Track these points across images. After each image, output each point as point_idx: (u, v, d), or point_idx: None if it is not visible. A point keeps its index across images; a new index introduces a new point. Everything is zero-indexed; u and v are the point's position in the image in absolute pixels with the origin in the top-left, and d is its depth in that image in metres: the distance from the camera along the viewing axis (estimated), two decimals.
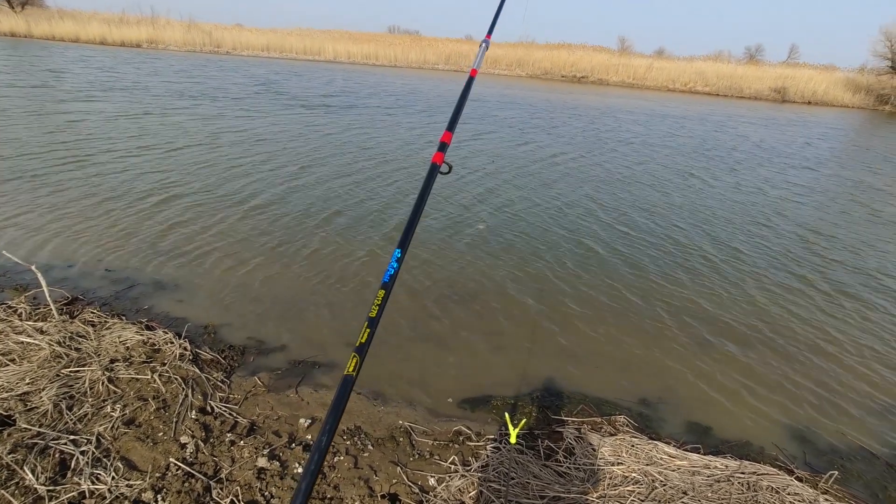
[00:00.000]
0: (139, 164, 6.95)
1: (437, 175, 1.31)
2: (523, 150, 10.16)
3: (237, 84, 17.25)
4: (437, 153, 1.33)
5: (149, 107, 11.32)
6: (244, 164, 7.41)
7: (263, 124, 10.56)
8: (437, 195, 6.59)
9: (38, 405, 2.44)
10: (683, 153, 11.26)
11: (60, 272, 3.92)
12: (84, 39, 31.15)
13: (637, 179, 8.49)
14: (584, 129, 13.69)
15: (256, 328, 3.45)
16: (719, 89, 32.85)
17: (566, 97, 23.03)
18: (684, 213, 6.81)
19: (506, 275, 4.54)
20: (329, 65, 32.34)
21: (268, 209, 5.65)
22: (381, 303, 1.05)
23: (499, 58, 36.95)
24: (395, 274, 1.10)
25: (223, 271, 4.18)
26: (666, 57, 43.17)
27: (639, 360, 3.50)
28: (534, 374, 3.25)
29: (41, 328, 2.99)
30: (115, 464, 2.21)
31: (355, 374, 0.93)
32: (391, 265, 1.09)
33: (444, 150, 1.34)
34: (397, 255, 1.11)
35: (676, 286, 4.59)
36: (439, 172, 1.33)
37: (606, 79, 34.62)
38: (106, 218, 5.04)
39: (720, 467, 2.48)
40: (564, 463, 2.45)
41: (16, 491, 1.99)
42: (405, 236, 1.14)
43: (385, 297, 1.06)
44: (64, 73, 16.07)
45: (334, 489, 2.22)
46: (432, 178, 1.28)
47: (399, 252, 1.12)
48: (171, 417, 2.53)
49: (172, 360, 2.92)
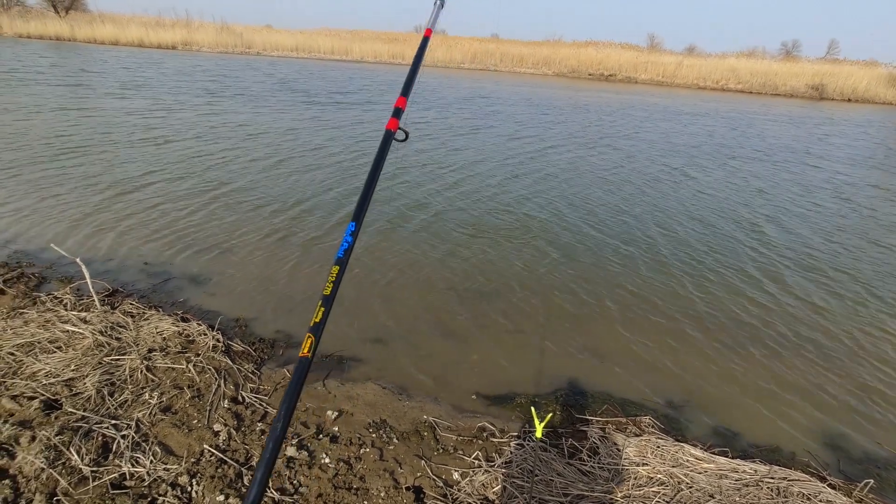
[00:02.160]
0: (172, 161, 7.19)
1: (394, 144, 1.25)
2: (554, 157, 10.09)
3: (264, 83, 17.63)
4: (391, 119, 1.25)
5: (191, 105, 11.69)
6: (278, 163, 7.58)
7: (303, 125, 10.77)
8: (455, 197, 6.61)
9: (83, 391, 2.57)
10: (710, 153, 11.01)
11: (102, 265, 4.09)
12: (123, 42, 32.29)
13: (665, 180, 8.35)
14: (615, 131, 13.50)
15: (285, 322, 3.54)
16: (753, 87, 31.92)
17: (593, 97, 22.74)
18: (711, 213, 6.67)
19: (531, 273, 4.54)
20: (357, 65, 32.72)
21: (299, 206, 5.77)
22: (335, 279, 0.98)
23: (525, 56, 36.73)
24: (350, 248, 1.03)
25: (254, 266, 4.30)
26: (697, 54, 42.16)
27: (665, 361, 3.45)
28: (557, 373, 3.25)
29: (85, 318, 3.14)
30: (153, 448, 2.31)
31: (311, 355, 0.90)
32: (345, 239, 1.03)
33: (399, 116, 1.27)
34: (351, 229, 1.04)
35: (704, 287, 4.51)
36: (395, 140, 1.26)
37: (635, 77, 34.03)
38: (144, 214, 5.23)
39: (749, 471, 2.44)
40: (588, 462, 2.45)
41: (63, 470, 2.10)
42: (360, 208, 1.07)
43: (339, 273, 0.99)
44: (105, 73, 16.71)
45: (360, 480, 2.28)
46: (387, 145, 1.21)
47: (353, 225, 1.05)
48: (205, 406, 2.62)
49: (206, 351, 3.02)
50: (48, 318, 3.11)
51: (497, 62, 36.98)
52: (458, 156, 8.91)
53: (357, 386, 2.94)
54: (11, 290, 3.48)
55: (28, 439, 2.20)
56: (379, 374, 3.08)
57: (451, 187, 6.95)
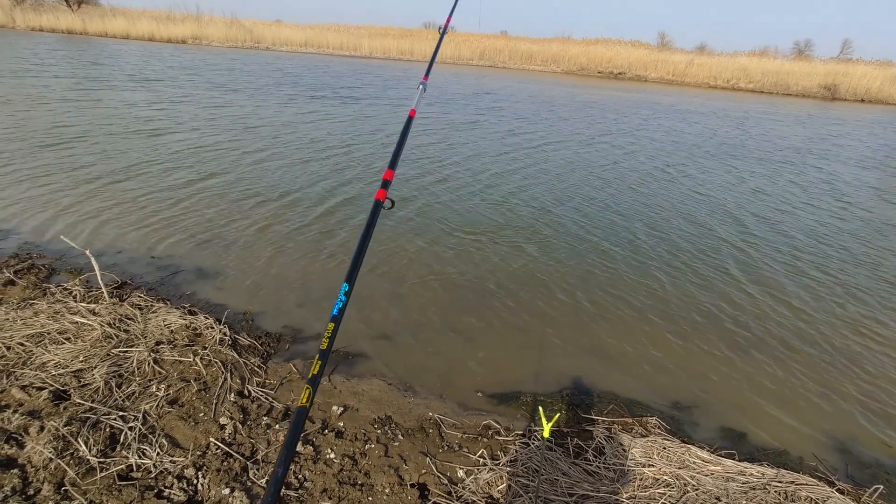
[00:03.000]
0: (182, 154, 7.22)
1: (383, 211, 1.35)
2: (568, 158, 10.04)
3: (274, 77, 17.67)
4: (379, 190, 1.35)
5: (196, 98, 11.73)
6: (281, 156, 7.60)
7: (310, 118, 10.79)
8: (480, 194, 6.60)
9: (91, 382, 2.59)
10: (730, 153, 10.91)
11: (110, 258, 4.12)
12: (134, 36, 32.47)
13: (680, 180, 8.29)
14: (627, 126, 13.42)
15: (292, 317, 3.55)
16: (764, 86, 31.60)
17: (602, 95, 22.61)
18: (719, 214, 6.61)
19: (538, 271, 4.52)
20: (366, 61, 32.71)
21: (303, 201, 5.77)
22: (330, 335, 1.04)
23: (534, 54, 36.56)
24: (344, 307, 1.09)
25: (262, 261, 4.31)
26: (708, 52, 41.71)
27: (672, 363, 3.43)
28: (563, 372, 3.24)
29: (93, 310, 3.16)
30: (159, 440, 2.32)
31: (309, 405, 0.93)
32: (339, 298, 1.09)
33: (387, 188, 1.37)
34: (345, 289, 1.11)
35: (713, 288, 4.47)
36: (383, 208, 1.35)
37: (644, 75, 33.78)
38: (152, 207, 5.26)
39: (756, 475, 2.42)
40: (594, 462, 2.43)
41: (70, 461, 2.12)
42: (352, 270, 1.14)
43: (334, 330, 1.05)
44: (115, 66, 16.81)
45: (365, 476, 2.28)
46: (376, 214, 1.30)
47: (346, 286, 1.12)
48: (212, 399, 2.64)
49: (213, 344, 3.04)
50: (58, 309, 3.13)
51: (506, 59, 36.83)
52: (455, 151, 8.89)
53: (363, 382, 2.94)
54: (22, 280, 3.51)
55: (37, 429, 2.22)
56: (384, 370, 3.08)
57: (442, 181, 6.94)
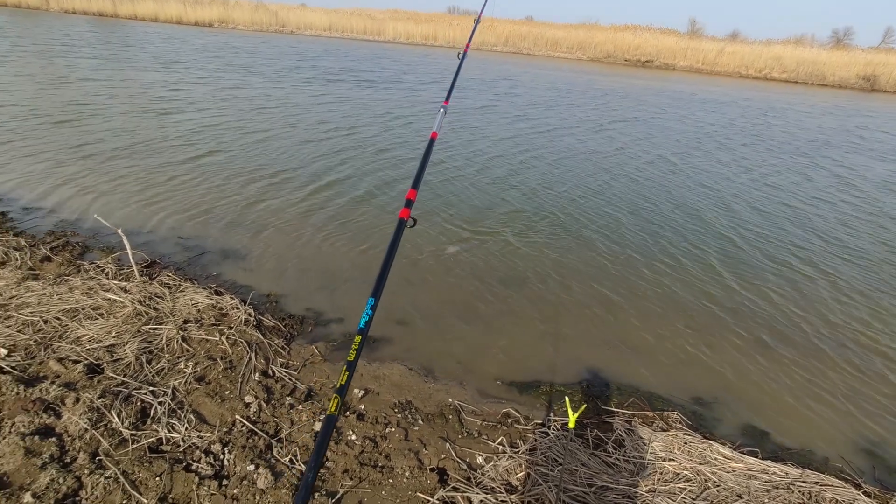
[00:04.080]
0: (211, 137, 7.32)
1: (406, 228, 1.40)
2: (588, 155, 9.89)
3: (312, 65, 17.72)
4: (403, 209, 1.42)
5: (223, 81, 11.85)
6: (313, 142, 7.65)
7: (335, 107, 10.82)
8: (499, 185, 6.56)
9: (123, 357, 2.67)
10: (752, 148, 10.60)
11: (140, 237, 4.22)
12: (162, 18, 32.85)
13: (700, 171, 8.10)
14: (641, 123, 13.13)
15: (315, 300, 3.59)
16: (798, 76, 30.50)
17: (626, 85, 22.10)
18: (749, 209, 6.45)
19: (560, 262, 4.49)
20: (389, 45, 32.54)
21: (332, 186, 5.81)
22: (357, 348, 1.07)
23: (559, 40, 35.88)
24: (370, 321, 1.13)
25: (287, 244, 4.37)
26: (740, 41, 40.34)
27: (695, 357, 3.39)
28: (584, 363, 3.22)
29: (125, 287, 3.25)
30: (187, 416, 2.39)
31: (337, 413, 0.97)
32: (365, 312, 1.13)
33: (410, 207, 1.44)
34: (371, 303, 1.15)
35: (739, 283, 4.38)
36: (406, 226, 1.41)
37: (673, 63, 32.89)
38: (179, 188, 5.36)
39: (779, 474, 2.38)
40: (613, 454, 2.43)
41: (104, 432, 2.20)
42: (378, 285, 1.19)
43: (361, 343, 1.08)
44: (143, 47, 17.06)
45: (386, 458, 2.31)
46: (400, 232, 1.35)
47: (373, 300, 1.16)
48: (237, 378, 2.70)
49: (238, 324, 3.10)
50: (91, 285, 3.23)
51: (531, 45, 36.23)
52: (462, 135, 8.82)
53: (384, 366, 2.98)
54: (58, 257, 3.63)
55: (73, 400, 2.31)
56: (405, 355, 3.11)
57: (454, 168, 6.89)
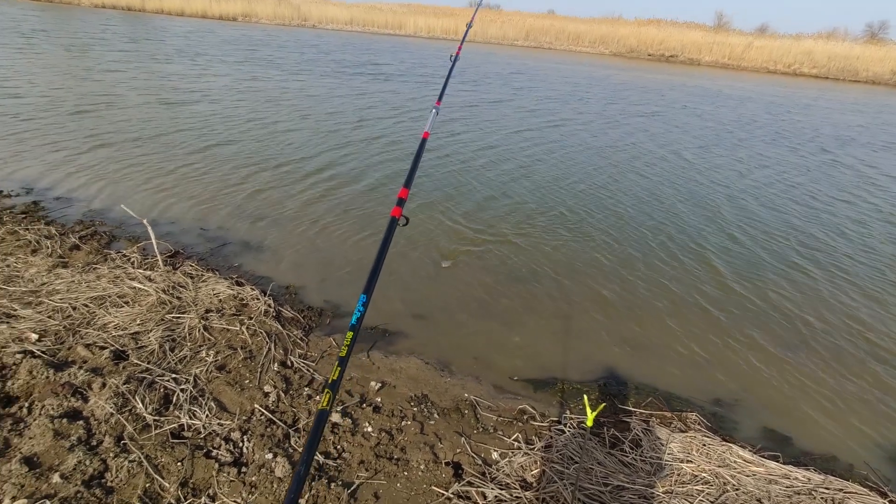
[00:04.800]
0: (224, 128, 7.42)
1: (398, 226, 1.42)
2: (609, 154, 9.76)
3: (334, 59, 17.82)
4: (395, 208, 1.42)
5: (252, 73, 12.00)
6: (331, 134, 7.70)
7: (354, 99, 10.87)
8: (518, 179, 6.52)
9: (147, 344, 2.74)
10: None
11: (164, 227, 4.31)
12: (188, 13, 33.34)
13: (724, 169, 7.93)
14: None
15: (333, 292, 3.63)
16: (829, 72, 29.57)
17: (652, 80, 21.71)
18: (768, 209, 6.29)
19: (579, 259, 4.45)
20: (409, 39, 32.51)
21: (351, 182, 5.85)
22: (349, 343, 1.08)
23: (581, 34, 35.37)
24: (362, 317, 1.14)
25: (307, 237, 4.42)
26: (769, 35, 39.22)
27: (714, 359, 3.33)
28: (600, 362, 3.19)
29: (149, 276, 3.33)
30: (208, 403, 2.44)
31: (329, 408, 0.97)
32: (357, 309, 1.14)
33: (402, 205, 1.44)
34: (363, 300, 1.16)
35: (762, 283, 4.29)
36: (398, 225, 1.42)
37: (698, 58, 32.19)
38: (201, 179, 5.45)
39: (801, 479, 2.33)
40: (630, 454, 2.41)
41: (129, 416, 2.26)
42: (370, 283, 1.20)
43: (353, 339, 1.09)
44: (166, 41, 17.35)
45: (401, 451, 2.33)
46: (392, 230, 1.36)
47: (364, 297, 1.17)
48: (257, 367, 2.74)
49: (258, 315, 3.15)
50: (117, 274, 3.31)
51: (552, 40, 35.81)
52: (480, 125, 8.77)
53: (400, 359, 2.99)
54: (86, 246, 3.72)
55: (99, 385, 2.38)
56: (422, 349, 3.12)
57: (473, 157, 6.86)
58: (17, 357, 2.45)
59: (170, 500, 1.94)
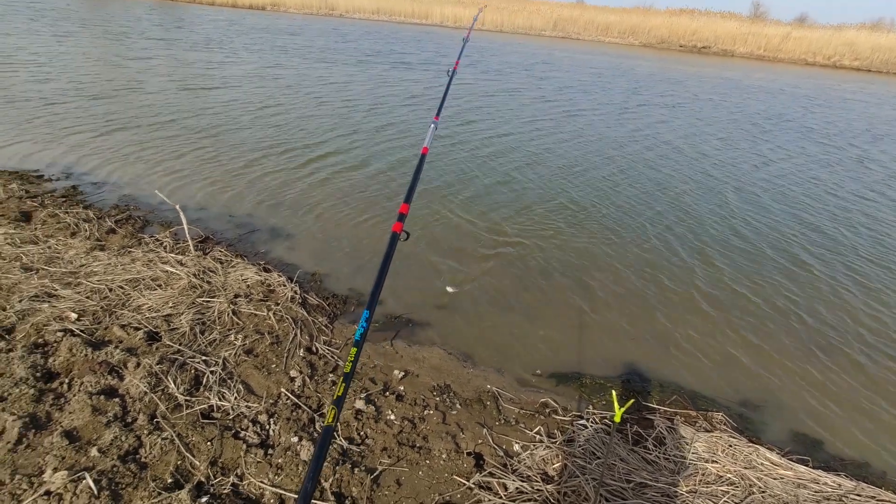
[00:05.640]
0: (266, 120, 7.52)
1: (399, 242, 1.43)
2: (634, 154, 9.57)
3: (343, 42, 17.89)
4: (396, 223, 1.45)
5: (283, 63, 12.14)
6: (361, 123, 7.75)
7: (374, 89, 10.90)
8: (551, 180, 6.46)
9: (178, 326, 2.82)
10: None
11: (194, 213, 4.41)
12: (219, 3, 33.76)
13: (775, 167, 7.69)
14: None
15: (358, 281, 3.67)
16: (873, 64, 28.27)
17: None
18: (810, 203, 6.09)
19: (602, 255, 4.39)
20: (435, 28, 32.33)
21: (380, 171, 5.88)
22: (353, 360, 1.07)
23: (611, 24, 34.59)
24: (365, 332, 1.14)
25: (333, 225, 4.47)
26: (808, 25, 37.69)
27: (743, 358, 3.26)
28: (624, 358, 3.16)
29: (181, 260, 3.42)
30: (237, 386, 2.50)
31: (335, 423, 0.98)
32: (361, 325, 1.14)
33: (403, 221, 1.47)
34: (366, 316, 1.16)
35: (791, 282, 4.17)
36: (399, 240, 1.44)
37: (732, 49, 31.17)
38: (230, 166, 5.55)
39: (831, 485, 2.28)
40: (653, 451, 2.38)
41: (162, 396, 2.34)
42: (372, 299, 1.20)
43: (357, 354, 1.09)
44: (195, 30, 17.64)
45: (423, 439, 2.36)
46: (393, 246, 1.37)
47: (367, 313, 1.17)
48: (283, 352, 2.80)
49: (285, 301, 3.21)
50: (151, 257, 3.41)
51: (580, 30, 35.11)
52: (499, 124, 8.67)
53: (423, 349, 3.01)
54: (121, 230, 3.84)
55: (134, 365, 2.46)
56: (445, 339, 3.14)
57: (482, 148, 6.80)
58: (58, 335, 2.56)
59: (200, 478, 2.00)
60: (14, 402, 2.15)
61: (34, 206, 4.06)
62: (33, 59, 10.10)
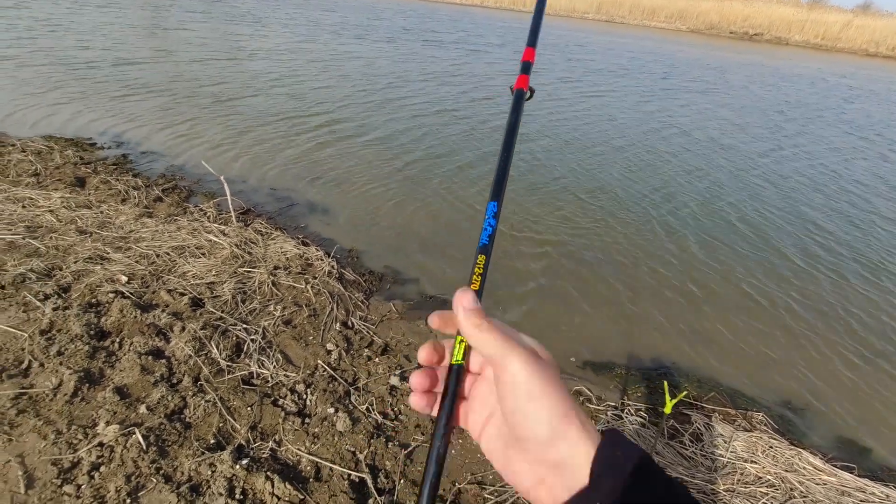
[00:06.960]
0: (307, 93, 7.58)
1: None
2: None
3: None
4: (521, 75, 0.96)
5: (332, 46, 12.19)
6: (405, 102, 7.73)
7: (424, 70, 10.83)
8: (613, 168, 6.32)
9: (221, 294, 2.89)
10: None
11: (237, 185, 4.49)
12: None
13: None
14: None
15: (394, 258, 3.69)
16: None
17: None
18: (841, 205, 5.78)
19: (645, 247, 4.28)
20: (493, 12, 31.78)
21: (421, 152, 5.87)
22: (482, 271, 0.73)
23: (657, 8, 33.31)
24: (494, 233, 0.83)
25: (371, 202, 4.49)
26: (872, 13, 35.36)
27: (786, 359, 3.14)
28: (662, 351, 3.09)
29: (223, 231, 3.50)
30: (275, 355, 2.56)
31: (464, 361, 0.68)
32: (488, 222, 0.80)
33: (528, 71, 0.96)
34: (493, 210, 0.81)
35: (841, 284, 3.98)
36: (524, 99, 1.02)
37: (786, 37, 29.61)
38: (273, 141, 5.62)
39: (879, 495, 2.19)
40: (690, 447, 2.33)
41: (205, 360, 2.41)
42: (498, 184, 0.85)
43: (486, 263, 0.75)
44: (237, 5, 17.82)
45: None
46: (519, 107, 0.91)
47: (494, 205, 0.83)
48: (320, 325, 2.85)
49: (322, 275, 3.25)
50: (195, 226, 3.50)
51: (625, 14, 33.96)
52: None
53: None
54: (168, 198, 3.96)
55: (179, 329, 2.54)
56: None
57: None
58: (110, 296, 2.66)
59: (240, 441, 2.07)
60: (70, 357, 2.26)
61: (88, 172, 4.22)
62: (100, 29, 10.39)
